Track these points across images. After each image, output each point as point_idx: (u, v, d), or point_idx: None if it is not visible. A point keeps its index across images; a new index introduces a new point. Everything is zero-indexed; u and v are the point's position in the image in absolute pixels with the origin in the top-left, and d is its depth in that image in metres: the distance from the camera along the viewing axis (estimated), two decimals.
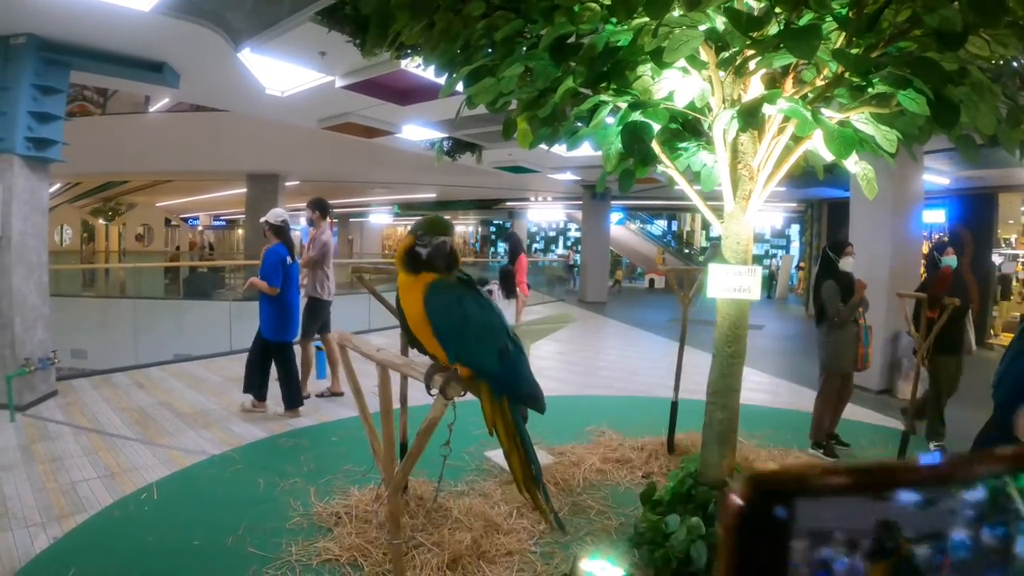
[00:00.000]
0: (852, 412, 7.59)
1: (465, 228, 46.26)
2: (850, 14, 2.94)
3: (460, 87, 3.90)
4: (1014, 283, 15.78)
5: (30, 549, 4.22)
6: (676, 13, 2.88)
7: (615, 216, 28.21)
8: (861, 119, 3.43)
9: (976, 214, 16.19)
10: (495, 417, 3.12)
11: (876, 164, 4.22)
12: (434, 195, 30.73)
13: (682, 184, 4.17)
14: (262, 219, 7.21)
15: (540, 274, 29.79)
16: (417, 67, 5.98)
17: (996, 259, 15.71)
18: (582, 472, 5.61)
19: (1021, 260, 15.91)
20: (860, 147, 3.67)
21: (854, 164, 3.81)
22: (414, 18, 3.65)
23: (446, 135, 11.94)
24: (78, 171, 20.22)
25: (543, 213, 38.07)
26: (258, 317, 7.24)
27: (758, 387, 9.80)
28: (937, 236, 15.86)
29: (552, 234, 41.56)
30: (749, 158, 3.89)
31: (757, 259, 30.69)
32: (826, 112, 3.43)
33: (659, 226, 35.15)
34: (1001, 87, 3.08)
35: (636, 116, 3.31)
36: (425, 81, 7.84)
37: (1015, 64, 3.39)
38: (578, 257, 24.67)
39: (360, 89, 8.53)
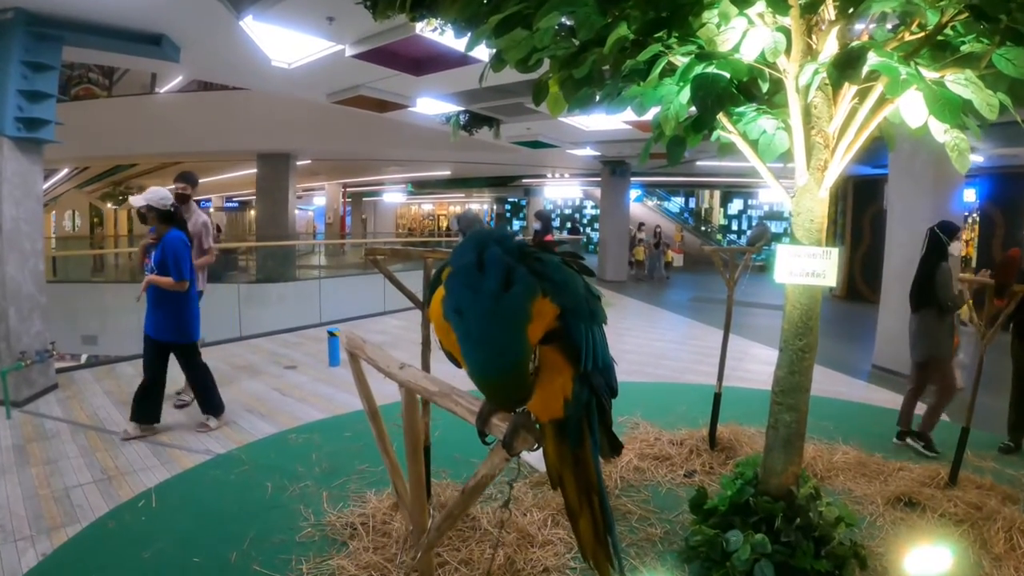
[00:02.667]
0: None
1: (480, 206, 45.94)
2: None
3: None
4: None
5: (16, 568, 3.84)
6: None
7: (633, 193, 27.83)
8: (958, 80, 2.88)
9: (1008, 193, 15.64)
10: (563, 466, 2.14)
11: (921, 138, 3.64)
12: (448, 172, 30.41)
13: (747, 153, 3.63)
14: (137, 202, 6.05)
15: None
16: (434, 31, 5.47)
17: None
18: (618, 471, 5.18)
19: None
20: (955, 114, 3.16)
21: (943, 133, 3.24)
22: None
23: (463, 108, 11.51)
24: (86, 155, 20.04)
25: (560, 190, 37.68)
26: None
27: None
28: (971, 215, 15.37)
29: (568, 211, 41.10)
30: (824, 123, 3.37)
31: (776, 237, 30.41)
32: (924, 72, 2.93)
33: (676, 203, 34.70)
34: None
35: (705, 69, 2.79)
36: (442, 48, 7.44)
37: None
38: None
39: (371, 58, 8.10)
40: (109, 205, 34.38)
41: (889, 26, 3.38)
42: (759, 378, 8.53)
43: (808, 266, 3.45)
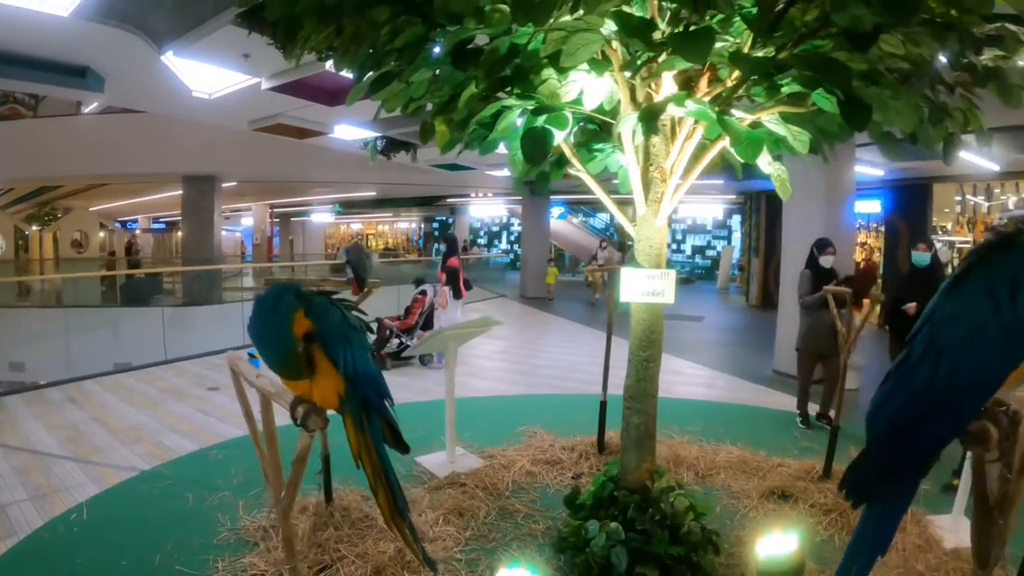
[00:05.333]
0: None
1: (408, 225, 46.17)
2: (764, 14, 2.90)
3: None
4: (948, 270, 16.09)
5: None
6: (573, 16, 2.85)
7: (556, 210, 28.32)
8: (772, 120, 3.42)
9: (911, 204, 16.56)
10: (360, 450, 3.06)
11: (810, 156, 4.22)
12: (374, 193, 30.57)
13: (594, 188, 4.16)
14: None
15: (485, 270, 29.90)
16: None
17: (937, 244, 16.05)
18: (511, 475, 5.59)
19: (958, 246, 16.23)
20: (775, 147, 3.68)
21: (767, 165, 3.80)
22: (322, 23, 3.57)
23: (379, 134, 11.84)
24: (10, 176, 19.78)
25: (485, 209, 38.19)
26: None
27: (694, 380, 9.91)
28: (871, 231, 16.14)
29: (495, 229, 41.64)
30: (662, 160, 3.88)
31: (700, 250, 31.17)
32: (738, 113, 3.42)
33: (601, 219, 35.27)
34: (910, 87, 3.07)
35: (540, 121, 3.26)
36: (351, 81, 7.78)
37: (940, 62, 3.38)
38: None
39: (287, 90, 8.42)
40: (34, 227, 33.74)
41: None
42: (660, 386, 8.93)
43: (649, 286, 3.94)
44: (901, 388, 2.06)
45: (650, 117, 3.02)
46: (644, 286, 3.95)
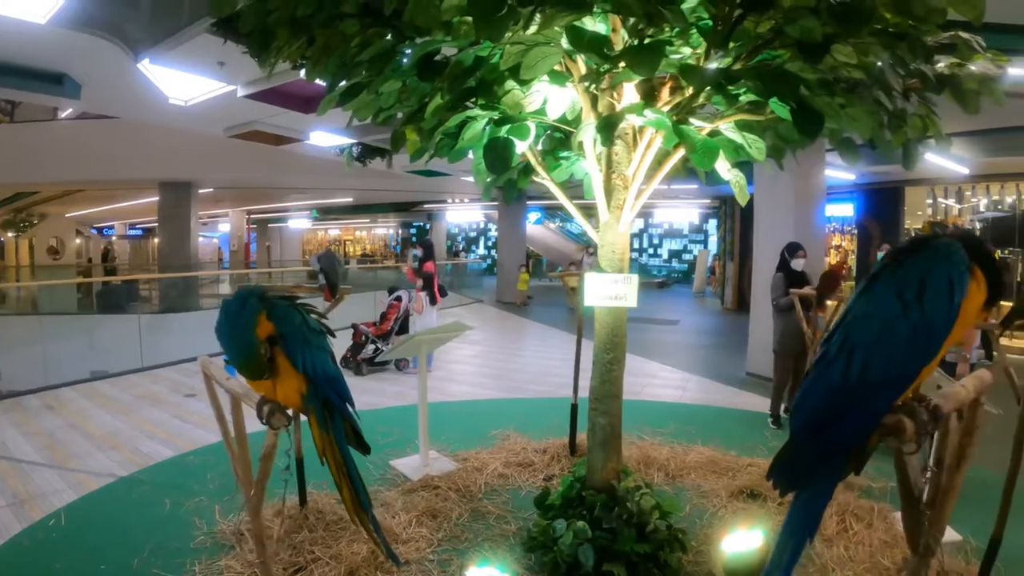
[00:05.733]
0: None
1: (386, 231, 46.11)
2: (718, 26, 3.00)
3: None
4: None
5: None
6: (530, 31, 2.94)
7: (533, 215, 28.42)
8: (729, 128, 3.53)
9: (883, 207, 16.81)
10: (324, 447, 3.26)
11: (771, 163, 4.35)
12: (351, 199, 30.61)
13: (558, 195, 4.27)
14: None
15: (463, 275, 29.93)
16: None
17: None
18: (484, 477, 5.67)
19: None
20: (734, 155, 3.80)
21: (727, 172, 3.92)
22: (294, 35, 3.64)
23: (355, 141, 11.91)
24: None
25: (463, 215, 38.32)
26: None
27: (667, 383, 10.02)
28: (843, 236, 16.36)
29: (473, 235, 41.79)
30: (624, 167, 3.99)
31: (676, 254, 31.37)
32: (696, 122, 3.53)
33: (579, 224, 35.29)
34: (859, 96, 3.17)
35: (502, 132, 3.36)
36: (326, 89, 7.84)
37: (891, 71, 3.49)
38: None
39: (262, 98, 8.48)
40: (10, 234, 33.46)
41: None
42: (632, 389, 9.13)
43: (612, 291, 4.05)
44: (819, 384, 2.17)
45: (608, 126, 3.13)
46: (607, 290, 4.06)
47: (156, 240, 28.93)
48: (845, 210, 18.60)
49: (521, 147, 3.49)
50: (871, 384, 2.04)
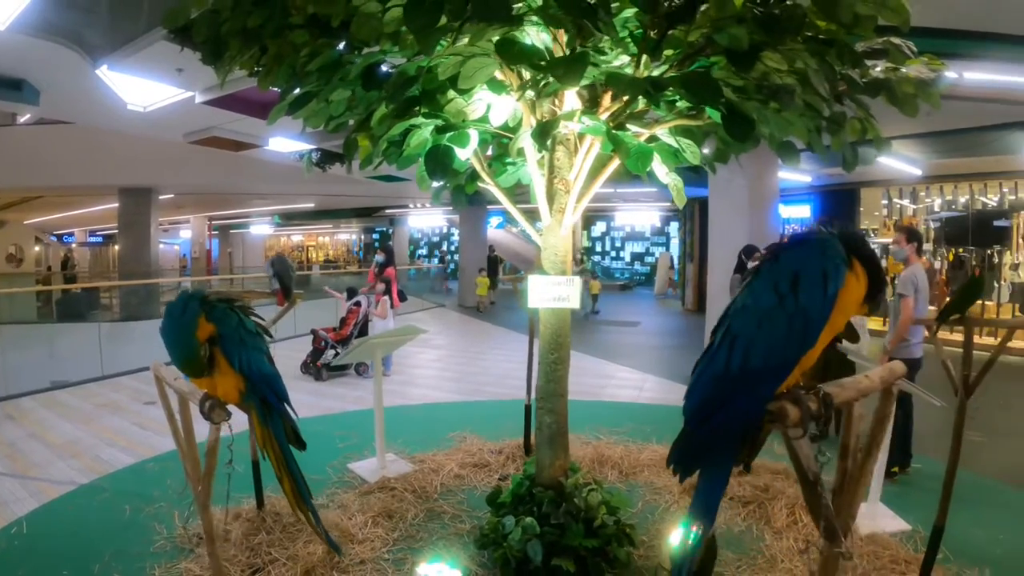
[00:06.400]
0: None
1: (349, 236, 45.98)
2: (651, 34, 3.10)
3: None
4: None
5: None
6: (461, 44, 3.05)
7: (495, 220, 28.52)
8: (665, 133, 3.66)
9: (839, 208, 17.12)
10: (265, 441, 3.55)
11: (733, 164, 4.51)
12: (312, 205, 30.55)
13: (502, 200, 4.38)
14: None
15: (425, 280, 29.97)
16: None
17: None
18: (440, 478, 5.76)
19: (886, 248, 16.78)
20: (673, 159, 3.93)
21: (665, 175, 4.05)
22: (246, 45, 3.71)
23: (314, 146, 11.95)
24: None
25: (425, 219, 38.39)
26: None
27: (624, 383, 10.18)
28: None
29: (436, 239, 41.91)
30: (565, 172, 4.11)
31: (638, 257, 31.60)
32: (634, 128, 3.66)
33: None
34: (782, 101, 3.28)
35: (444, 140, 3.46)
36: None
37: (825, 76, 3.60)
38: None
39: (220, 104, 8.54)
40: None
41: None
42: (590, 390, 9.33)
43: (555, 292, 4.16)
44: (706, 373, 2.31)
45: (543, 133, 3.25)
46: (550, 292, 4.17)
47: (117, 247, 28.65)
48: (802, 212, 18.90)
49: (463, 154, 3.59)
50: (752, 372, 2.16)
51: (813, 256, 2.19)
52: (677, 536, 4.13)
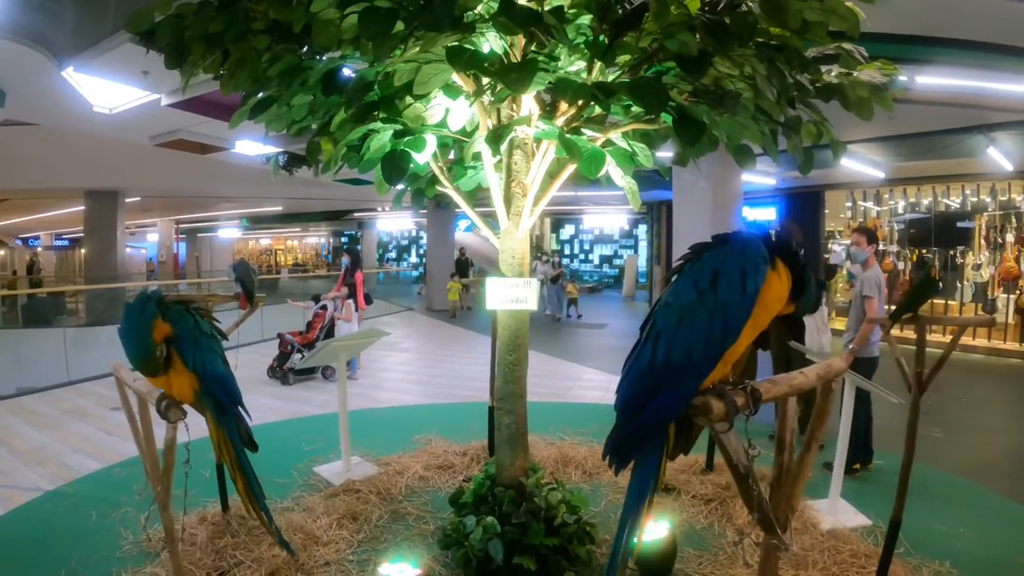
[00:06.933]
0: None
1: (317, 240, 45.81)
2: (603, 40, 3.15)
3: None
4: (840, 272, 16.79)
5: None
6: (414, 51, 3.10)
7: (464, 223, 28.54)
8: (619, 137, 3.74)
9: (804, 210, 17.33)
10: (220, 440, 3.65)
11: (702, 164, 4.58)
12: (280, 208, 30.45)
13: (460, 203, 4.45)
14: None
15: (394, 284, 29.92)
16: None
17: (836, 248, 16.79)
18: (405, 480, 5.79)
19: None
20: (629, 162, 4.00)
21: (620, 178, 4.13)
22: (209, 50, 3.73)
23: (281, 149, 11.93)
24: None
25: (394, 223, 38.39)
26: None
27: (591, 384, 10.28)
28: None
29: (405, 243, 41.92)
30: (522, 176, 4.18)
31: (607, 259, 31.76)
32: (589, 132, 3.72)
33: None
34: (725, 106, 3.34)
35: (401, 144, 3.51)
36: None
37: (772, 82, 3.67)
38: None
39: (186, 107, 8.53)
40: None
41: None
42: (556, 392, 9.42)
43: (513, 294, 4.24)
44: (633, 368, 2.38)
45: (496, 138, 3.31)
46: (508, 294, 4.24)
47: (83, 251, 28.40)
48: (767, 214, 19.13)
49: (421, 158, 3.64)
50: (676, 367, 2.22)
51: (733, 255, 2.25)
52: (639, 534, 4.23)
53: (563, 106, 3.81)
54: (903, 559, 4.39)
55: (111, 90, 8.37)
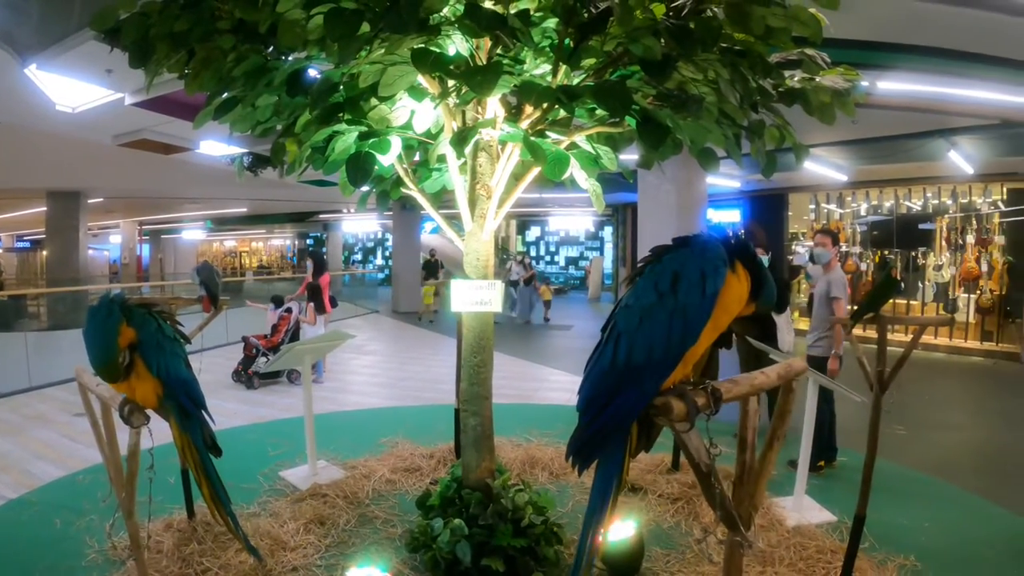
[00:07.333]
0: None
1: (282, 242, 45.53)
2: (567, 43, 3.18)
3: None
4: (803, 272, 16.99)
5: None
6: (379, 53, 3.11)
7: (430, 224, 28.54)
8: (583, 140, 3.77)
9: (768, 212, 17.53)
10: (184, 445, 3.60)
11: (666, 167, 4.61)
12: (245, 209, 30.26)
13: (425, 205, 4.47)
14: None
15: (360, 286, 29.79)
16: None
17: (800, 250, 16.98)
18: (372, 484, 5.78)
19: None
20: (594, 165, 4.03)
21: (585, 181, 4.17)
22: (174, 49, 3.70)
23: (246, 150, 11.83)
24: None
25: (359, 225, 38.30)
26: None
27: (557, 386, 10.36)
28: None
29: (371, 245, 41.78)
30: (487, 178, 4.20)
31: (573, 261, 31.87)
32: (553, 135, 3.74)
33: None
34: (688, 110, 3.37)
35: (365, 146, 3.51)
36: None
37: (736, 86, 3.71)
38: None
39: (150, 106, 8.47)
40: None
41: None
42: (523, 394, 9.49)
43: (477, 296, 4.25)
44: (595, 368, 2.39)
45: (461, 140, 3.33)
46: (473, 296, 4.26)
47: (44, 252, 27.99)
48: (732, 216, 19.34)
49: (385, 160, 3.64)
50: (636, 367, 2.24)
51: (693, 257, 2.28)
52: (607, 533, 4.26)
53: (528, 109, 3.82)
54: (868, 554, 4.46)
55: (74, 88, 8.28)
